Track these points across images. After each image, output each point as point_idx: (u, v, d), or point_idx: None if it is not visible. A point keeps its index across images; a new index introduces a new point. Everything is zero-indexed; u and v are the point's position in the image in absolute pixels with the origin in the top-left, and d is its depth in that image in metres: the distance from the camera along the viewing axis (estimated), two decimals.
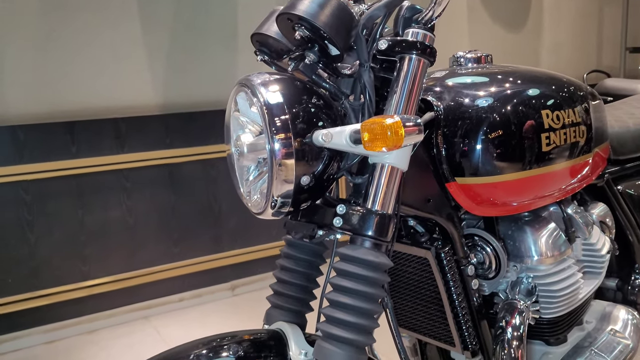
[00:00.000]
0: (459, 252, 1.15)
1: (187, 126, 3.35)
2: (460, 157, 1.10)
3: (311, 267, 1.10)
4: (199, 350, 0.94)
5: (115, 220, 3.18)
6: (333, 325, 0.91)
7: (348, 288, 0.91)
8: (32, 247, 2.97)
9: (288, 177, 0.93)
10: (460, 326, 1.16)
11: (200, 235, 3.44)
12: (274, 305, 1.11)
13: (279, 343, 0.97)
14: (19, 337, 2.91)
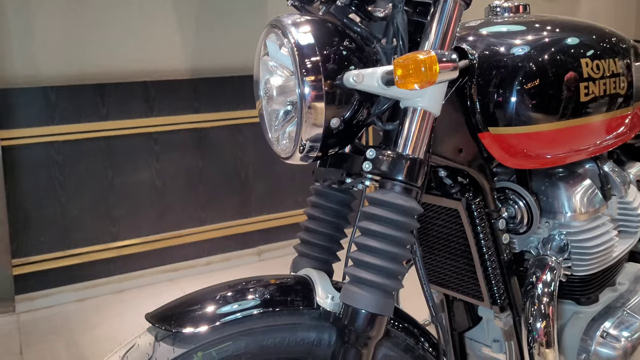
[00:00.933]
0: (490, 205, 1.13)
1: (215, 91, 3.35)
2: (494, 106, 1.07)
3: (339, 217, 1.09)
4: (224, 292, 0.94)
5: (144, 183, 3.21)
6: (361, 268, 0.90)
7: (377, 232, 0.89)
8: (64, 207, 3.03)
9: (317, 120, 0.92)
10: (490, 280, 1.14)
11: (227, 200, 3.46)
12: (301, 254, 1.10)
13: (305, 288, 0.96)
14: (51, 294, 2.98)
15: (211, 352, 0.89)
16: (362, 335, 0.89)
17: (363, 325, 0.89)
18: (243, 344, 0.90)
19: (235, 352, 0.90)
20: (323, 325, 0.95)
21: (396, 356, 1.00)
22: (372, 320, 0.89)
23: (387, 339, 0.99)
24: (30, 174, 2.95)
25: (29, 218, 2.96)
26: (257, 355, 0.91)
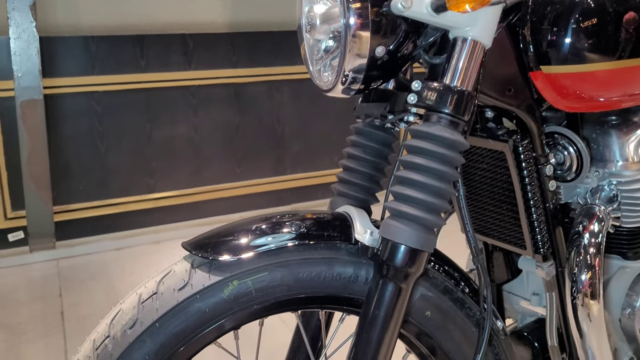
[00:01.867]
0: (538, 149, 1.08)
1: (253, 46, 3.32)
2: (548, 44, 1.01)
3: (379, 156, 1.06)
4: (260, 224, 0.92)
5: (181, 136, 3.23)
6: (402, 202, 0.87)
7: (420, 165, 0.86)
8: (103, 157, 3.07)
9: (362, 49, 0.88)
10: (533, 227, 1.10)
11: (263, 157, 3.45)
12: (339, 194, 1.08)
13: (343, 223, 0.94)
14: (90, 242, 3.04)
15: (247, 282, 0.88)
16: (401, 271, 0.87)
17: (402, 260, 0.86)
18: (279, 276, 0.89)
19: (270, 283, 0.89)
20: (360, 261, 0.93)
21: (434, 297, 0.97)
22: (412, 255, 0.87)
23: (426, 279, 0.97)
24: (71, 124, 2.99)
25: (69, 167, 3.01)
26: (293, 288, 0.90)
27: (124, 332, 0.85)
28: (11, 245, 2.96)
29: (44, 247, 2.90)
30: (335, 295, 0.93)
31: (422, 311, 0.97)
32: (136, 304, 0.87)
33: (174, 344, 0.86)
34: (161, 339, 0.85)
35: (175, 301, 0.86)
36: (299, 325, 1.00)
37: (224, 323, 0.88)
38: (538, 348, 1.28)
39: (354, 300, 0.94)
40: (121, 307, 0.89)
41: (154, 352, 0.85)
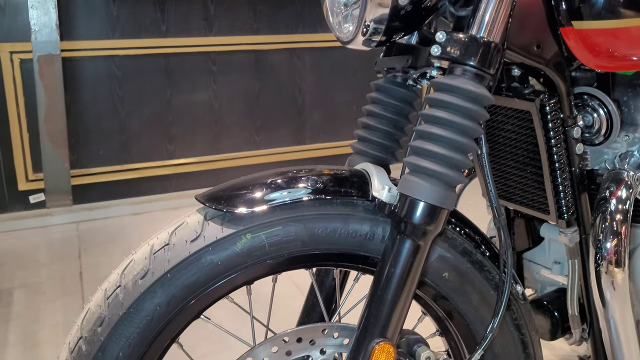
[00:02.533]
0: (566, 110, 1.04)
1: (275, 13, 3.27)
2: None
3: (400, 114, 1.03)
4: (276, 178, 0.90)
5: (201, 103, 3.21)
6: (422, 157, 0.84)
7: (442, 119, 0.83)
8: (123, 121, 3.07)
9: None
10: (558, 192, 1.07)
11: (282, 126, 3.42)
12: (357, 152, 1.05)
13: (360, 180, 0.92)
14: (109, 206, 3.06)
15: (260, 235, 0.86)
16: (419, 229, 0.84)
17: (421, 217, 0.84)
18: (293, 230, 0.87)
19: (284, 237, 0.87)
20: (377, 218, 0.90)
21: (452, 258, 0.95)
22: (431, 212, 0.84)
23: (444, 240, 0.94)
24: (91, 88, 2.99)
25: (88, 131, 3.01)
26: (307, 244, 0.88)
27: (135, 282, 0.84)
28: (32, 207, 2.99)
29: (60, 204, 2.92)
30: (351, 252, 0.91)
31: (440, 272, 0.94)
32: (148, 255, 0.86)
33: (186, 295, 0.85)
34: (172, 290, 0.84)
35: (187, 253, 0.84)
36: (313, 283, 0.98)
37: (236, 277, 0.87)
38: (558, 317, 1.25)
39: (369, 259, 0.92)
40: (133, 258, 0.88)
41: (166, 303, 0.84)
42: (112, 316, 0.83)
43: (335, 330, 0.90)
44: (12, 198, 2.99)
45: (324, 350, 0.90)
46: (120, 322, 0.83)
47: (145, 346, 0.84)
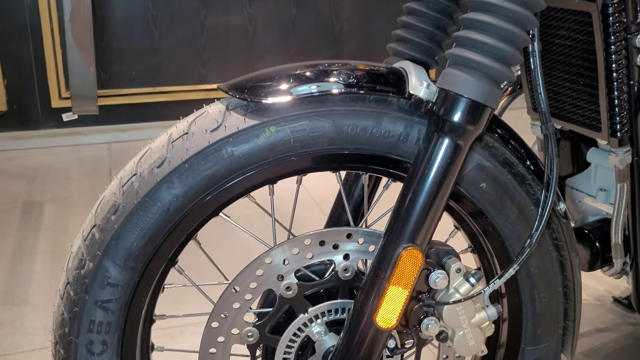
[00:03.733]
0: (630, 14, 0.93)
1: None
2: None
3: (444, 12, 0.94)
4: (303, 70, 0.83)
5: (236, 26, 3.12)
6: (467, 49, 0.76)
7: (493, 4, 0.74)
8: (156, 42, 3.00)
9: None
10: (613, 106, 0.97)
11: (318, 53, 3.31)
12: (395, 53, 0.98)
13: (397, 76, 0.84)
14: (140, 129, 3.04)
15: (285, 129, 0.80)
16: (459, 127, 0.77)
17: (462, 115, 0.76)
18: (320, 126, 0.81)
19: (311, 133, 0.81)
20: (413, 119, 0.83)
21: (492, 168, 0.87)
22: (473, 110, 0.76)
23: (484, 148, 0.86)
24: (124, 6, 2.92)
25: (121, 50, 2.96)
26: (335, 142, 0.82)
27: (151, 171, 0.79)
28: (65, 125, 2.99)
29: (86, 109, 2.91)
30: (382, 155, 0.84)
31: (477, 182, 0.87)
32: (166, 143, 0.81)
33: (204, 188, 0.80)
34: (190, 181, 0.79)
35: (207, 142, 0.79)
36: (340, 187, 0.92)
37: (258, 173, 0.81)
38: (598, 248, 1.18)
39: (401, 164, 0.85)
40: (150, 147, 0.83)
41: (182, 194, 0.79)
42: (127, 205, 0.79)
43: (360, 236, 0.85)
44: (46, 115, 2.99)
45: (347, 255, 0.85)
46: (135, 211, 0.79)
47: (161, 239, 0.80)
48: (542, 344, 0.96)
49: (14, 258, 1.97)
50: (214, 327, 0.84)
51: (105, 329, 0.81)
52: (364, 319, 0.80)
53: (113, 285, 0.80)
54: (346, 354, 0.82)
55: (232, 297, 0.83)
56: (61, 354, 0.81)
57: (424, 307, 0.82)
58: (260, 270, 0.83)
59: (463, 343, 0.85)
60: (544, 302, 0.94)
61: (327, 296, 0.87)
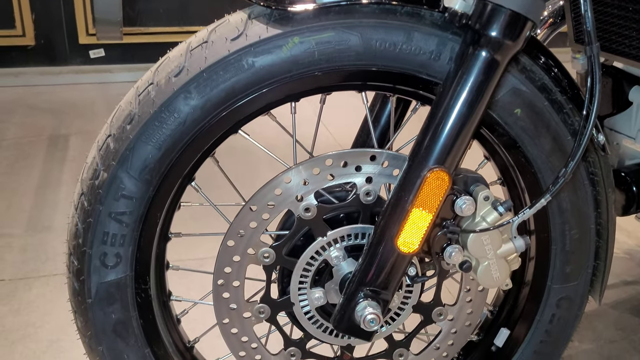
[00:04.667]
0: None
1: None
2: None
3: None
4: None
5: None
6: None
7: None
8: None
9: None
10: None
11: None
12: None
13: None
14: None
15: (309, 40, 0.75)
16: (497, 41, 0.71)
17: (501, 27, 0.71)
18: (347, 39, 0.76)
19: (337, 46, 0.76)
20: (446, 35, 0.77)
21: (528, 93, 0.82)
22: (513, 22, 0.71)
23: (521, 71, 0.81)
24: None
25: None
26: (362, 57, 0.77)
27: (169, 80, 0.76)
28: (92, 62, 2.98)
29: (110, 36, 2.87)
30: (411, 74, 0.79)
31: (511, 108, 0.82)
32: (184, 52, 0.77)
33: (223, 101, 0.76)
34: (208, 92, 0.75)
35: (227, 51, 0.75)
36: (366, 108, 0.88)
37: (279, 88, 0.77)
38: (635, 192, 1.13)
39: (431, 85, 0.80)
40: (168, 55, 0.80)
41: (200, 105, 0.76)
42: (143, 114, 0.76)
43: (385, 158, 0.81)
44: (73, 51, 2.97)
45: (370, 178, 0.81)
46: (151, 121, 0.76)
47: (177, 152, 0.77)
48: (569, 282, 0.92)
49: (39, 188, 1.99)
50: (230, 246, 0.82)
51: (119, 242, 0.79)
52: (384, 242, 0.77)
53: (127, 198, 0.78)
54: (364, 279, 0.79)
55: (249, 216, 0.81)
56: (75, 265, 0.80)
57: (448, 233, 0.79)
58: (279, 190, 0.80)
59: (487, 274, 0.82)
60: (575, 239, 0.90)
61: (347, 221, 0.84)
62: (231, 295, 0.84)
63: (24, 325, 1.36)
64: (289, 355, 0.89)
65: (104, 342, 0.83)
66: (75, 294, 0.82)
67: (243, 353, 0.88)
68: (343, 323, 0.81)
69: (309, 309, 0.85)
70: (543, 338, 0.95)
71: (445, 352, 0.93)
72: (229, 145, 0.85)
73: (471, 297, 0.91)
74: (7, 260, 1.60)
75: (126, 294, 0.81)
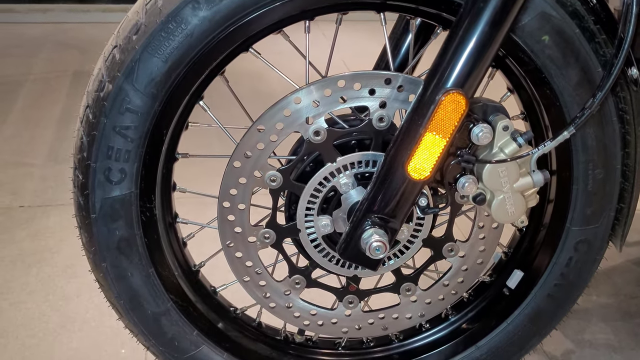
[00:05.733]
0: None
1: None
2: None
3: None
4: None
5: None
6: None
7: None
8: None
9: None
10: None
11: None
12: None
13: None
14: None
15: None
16: None
17: None
18: None
19: None
20: None
21: (558, 19, 0.76)
22: None
23: None
24: None
25: None
26: None
27: None
28: (120, 1, 2.95)
29: None
30: None
31: (539, 34, 0.77)
32: None
33: (233, 13, 0.73)
34: (217, 3, 0.72)
35: None
36: (384, 31, 0.83)
37: (293, 3, 0.73)
38: None
39: (454, 6, 0.75)
40: None
41: (209, 18, 0.72)
42: (149, 24, 0.73)
43: (401, 82, 0.77)
44: None
45: (384, 103, 0.78)
46: (157, 31, 0.73)
47: (184, 66, 0.75)
48: (589, 225, 0.88)
49: (60, 121, 1.99)
50: (236, 167, 0.80)
51: (124, 158, 0.77)
52: (394, 167, 0.74)
53: (132, 112, 0.76)
54: (372, 206, 0.76)
55: (256, 137, 0.78)
56: (79, 179, 0.79)
57: (462, 162, 0.75)
58: (288, 111, 0.77)
59: (502, 208, 0.78)
60: (599, 179, 0.85)
61: (359, 148, 0.81)
62: (236, 218, 0.82)
63: (41, 249, 1.38)
64: (293, 282, 0.87)
65: (107, 258, 0.82)
66: (80, 209, 0.81)
67: (247, 278, 0.87)
68: (348, 250, 0.79)
69: (316, 237, 0.83)
70: (558, 281, 0.92)
71: (454, 289, 0.91)
72: (240, 65, 0.82)
73: (484, 234, 0.88)
74: (28, 188, 1.61)
75: (130, 212, 0.80)
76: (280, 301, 0.88)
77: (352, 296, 0.89)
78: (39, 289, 1.27)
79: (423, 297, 0.91)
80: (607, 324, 1.28)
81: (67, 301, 1.24)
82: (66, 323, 1.19)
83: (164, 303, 0.86)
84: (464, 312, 0.98)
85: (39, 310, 1.22)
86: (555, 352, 1.19)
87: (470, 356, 0.95)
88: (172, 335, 0.88)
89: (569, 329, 1.25)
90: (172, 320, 0.87)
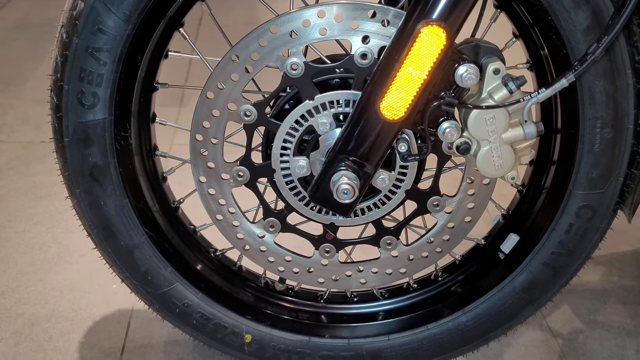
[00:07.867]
0: None
1: None
2: None
3: None
4: None
5: None
6: None
7: None
8: None
9: None
10: None
11: None
12: None
13: None
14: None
15: None
16: None
17: None
18: None
19: None
20: None
21: None
22: None
23: None
24: None
25: None
26: None
27: None
28: None
29: None
30: None
31: None
32: None
33: None
34: None
35: None
36: None
37: None
38: None
39: None
40: None
41: None
42: None
43: (387, 15, 0.71)
44: None
45: (367, 38, 0.72)
46: None
47: None
48: (594, 190, 0.80)
49: None
50: (209, 98, 0.76)
51: (97, 81, 0.75)
52: (368, 106, 0.69)
53: (105, 33, 0.73)
54: (345, 147, 0.72)
55: (230, 66, 0.74)
56: (54, 101, 0.78)
57: (443, 105, 0.69)
58: (264, 40, 0.73)
59: (488, 160, 0.72)
60: (607, 139, 0.77)
61: (342, 88, 0.76)
62: (209, 153, 0.79)
63: (52, 184, 1.40)
64: (267, 225, 0.84)
65: (81, 185, 0.81)
66: (55, 132, 0.80)
67: (220, 217, 0.84)
68: (318, 192, 0.75)
69: (291, 179, 0.79)
70: (556, 249, 0.84)
71: (439, 247, 0.85)
72: None
73: (474, 190, 0.82)
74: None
75: (104, 138, 0.78)
76: (254, 244, 0.85)
77: (329, 245, 0.85)
78: (44, 220, 1.29)
79: (405, 253, 0.86)
80: (625, 307, 1.19)
81: (68, 234, 1.25)
82: (64, 254, 1.20)
83: (137, 236, 0.84)
84: (454, 275, 0.93)
85: (41, 240, 1.24)
86: (561, 329, 1.12)
87: (456, 321, 0.90)
88: (145, 270, 0.86)
89: (581, 307, 1.17)
90: (145, 254, 0.85)
